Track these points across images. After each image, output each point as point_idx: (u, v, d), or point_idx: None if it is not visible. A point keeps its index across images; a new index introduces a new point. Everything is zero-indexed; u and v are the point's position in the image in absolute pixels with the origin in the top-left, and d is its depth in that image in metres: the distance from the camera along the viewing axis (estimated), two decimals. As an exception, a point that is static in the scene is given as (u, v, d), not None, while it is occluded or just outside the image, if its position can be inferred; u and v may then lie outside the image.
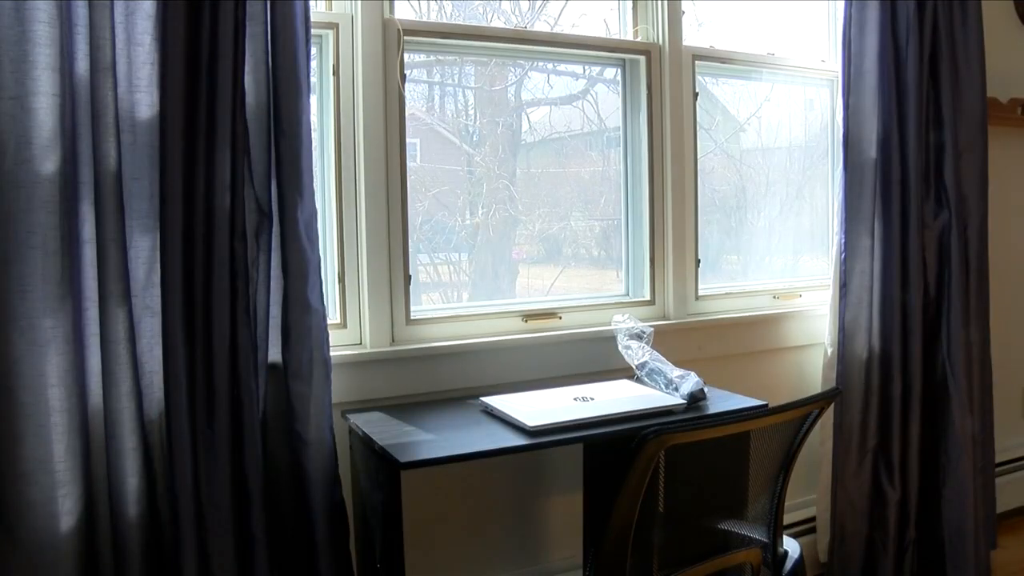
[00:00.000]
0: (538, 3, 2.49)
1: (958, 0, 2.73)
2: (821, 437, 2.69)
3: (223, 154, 1.68)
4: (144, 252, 1.67)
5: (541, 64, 2.50)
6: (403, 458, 1.64)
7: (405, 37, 2.13)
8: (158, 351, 1.66)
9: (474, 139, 2.45)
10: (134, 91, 1.63)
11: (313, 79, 2.04)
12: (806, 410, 1.67)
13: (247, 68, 1.74)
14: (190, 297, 1.67)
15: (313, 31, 1.90)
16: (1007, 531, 3.21)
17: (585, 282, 2.63)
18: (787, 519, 2.74)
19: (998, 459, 3.10)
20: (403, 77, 2.13)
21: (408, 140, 2.25)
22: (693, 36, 2.66)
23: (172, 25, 1.61)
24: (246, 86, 1.73)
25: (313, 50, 2.05)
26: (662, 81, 2.54)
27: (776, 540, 1.78)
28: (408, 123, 2.23)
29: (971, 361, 2.80)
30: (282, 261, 1.81)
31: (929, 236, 2.76)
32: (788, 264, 3.01)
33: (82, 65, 1.56)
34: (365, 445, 1.83)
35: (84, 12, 1.55)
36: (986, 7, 2.84)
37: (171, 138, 1.63)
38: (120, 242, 1.60)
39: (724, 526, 1.74)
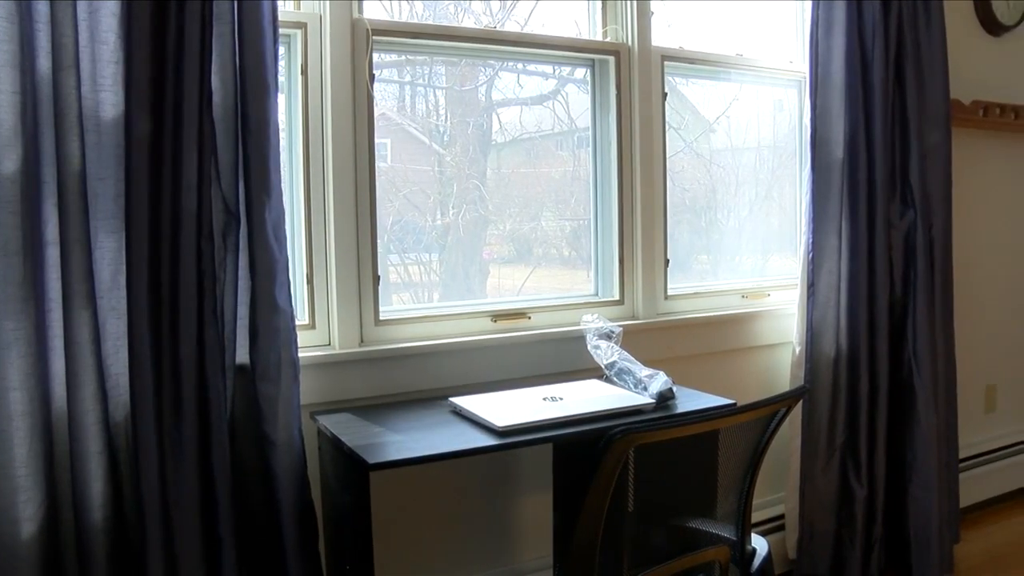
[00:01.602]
0: (508, 3, 2.49)
1: (922, 2, 2.77)
2: (790, 435, 2.72)
3: (190, 154, 1.67)
4: (109, 253, 1.65)
5: (511, 64, 2.50)
6: (372, 459, 1.64)
7: (374, 37, 2.12)
8: (124, 353, 1.64)
9: (445, 139, 2.45)
10: (99, 90, 1.61)
11: (281, 79, 2.03)
12: (773, 408, 1.69)
13: (214, 67, 1.72)
14: (156, 298, 1.65)
15: (281, 31, 1.89)
16: (969, 525, 3.27)
17: (556, 282, 2.63)
18: (757, 517, 2.78)
19: (961, 455, 3.16)
20: (372, 77, 2.13)
21: (379, 140, 2.25)
22: (663, 36, 2.67)
23: (137, 23, 1.60)
24: (213, 85, 1.72)
25: (281, 50, 2.04)
26: (631, 81, 2.55)
27: (744, 538, 1.79)
28: (379, 123, 2.22)
29: (936, 359, 2.84)
30: (250, 261, 1.79)
31: (895, 236, 2.80)
32: (758, 264, 3.03)
33: (44, 63, 1.54)
34: (334, 446, 1.82)
35: (45, 9, 1.52)
36: (948, 11, 2.89)
37: (137, 137, 1.61)
38: (85, 243, 1.58)
39: (693, 524, 1.76)
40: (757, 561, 1.81)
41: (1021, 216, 3.67)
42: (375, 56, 2.18)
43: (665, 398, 2.01)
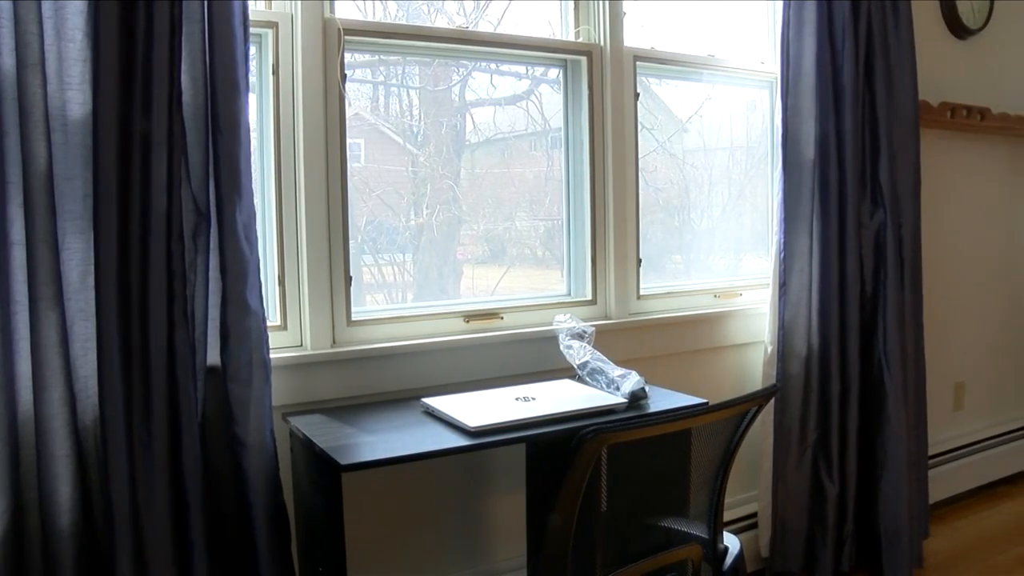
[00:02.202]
0: (482, 3, 2.49)
1: (890, 4, 2.80)
2: (762, 434, 2.74)
3: (159, 154, 1.65)
4: (77, 254, 1.63)
5: (484, 64, 2.50)
6: (344, 460, 1.63)
7: (346, 37, 2.11)
8: (92, 355, 1.62)
9: (418, 139, 2.44)
10: (65, 89, 1.59)
11: (252, 78, 2.02)
12: (744, 407, 1.70)
13: (184, 67, 1.71)
14: (126, 299, 1.64)
15: (252, 30, 1.87)
16: (938, 521, 3.31)
17: (530, 282, 2.64)
18: (730, 515, 2.80)
19: (930, 452, 3.19)
20: (343, 77, 2.12)
21: (352, 140, 2.24)
22: (636, 37, 2.68)
23: (105, 22, 1.58)
24: (183, 85, 1.71)
25: (252, 49, 2.03)
26: (603, 82, 2.56)
27: (716, 536, 1.80)
28: (352, 123, 2.21)
29: (906, 357, 2.87)
30: (220, 262, 1.78)
31: (865, 235, 2.83)
32: (731, 264, 3.05)
33: (7, 60, 1.51)
34: (306, 447, 1.81)
35: (8, 6, 1.50)
36: (915, 15, 2.92)
37: (105, 137, 1.59)
38: (52, 244, 1.56)
39: (666, 523, 1.76)
40: (729, 559, 1.82)
41: (988, 216, 3.73)
42: (347, 56, 2.17)
43: (637, 398, 2.02)
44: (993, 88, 3.59)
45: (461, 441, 1.74)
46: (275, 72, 2.05)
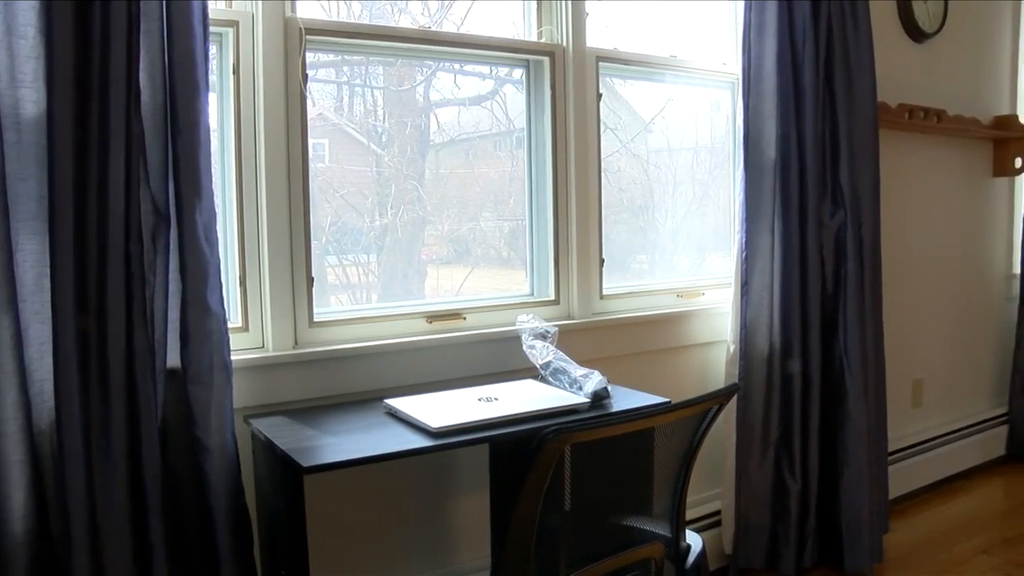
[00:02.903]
0: (446, 2, 2.49)
1: (849, 7, 2.84)
2: (725, 432, 2.76)
3: (117, 154, 1.63)
4: (32, 255, 1.60)
5: (448, 64, 2.50)
6: (306, 462, 1.62)
7: (308, 36, 2.10)
8: (48, 359, 1.59)
9: (383, 140, 2.43)
10: (17, 87, 1.56)
11: (213, 78, 2.00)
12: (706, 406, 1.71)
13: (142, 65, 1.69)
14: (83, 301, 1.61)
15: (212, 29, 1.86)
16: (898, 515, 3.37)
17: (495, 282, 2.64)
18: (694, 513, 2.82)
19: (890, 448, 3.24)
20: (305, 77, 2.10)
21: (317, 141, 2.22)
22: (600, 38, 2.69)
23: (59, 18, 1.55)
24: (141, 84, 1.68)
25: (213, 48, 2.01)
26: (566, 82, 2.56)
27: (679, 534, 1.82)
28: (317, 123, 2.20)
29: (866, 355, 2.90)
30: (180, 263, 1.76)
31: (826, 235, 2.86)
32: (695, 263, 3.07)
33: (-44, 58, 1.49)
34: (268, 450, 1.80)
35: (-44, 3, 1.48)
36: (874, 18, 2.96)
37: (60, 137, 1.56)
38: (5, 245, 1.53)
39: (630, 522, 1.77)
40: (691, 557, 1.84)
41: (944, 216, 3.79)
42: (310, 56, 2.16)
43: (600, 397, 2.02)
44: (949, 90, 3.66)
45: (424, 442, 1.74)
46: (236, 72, 2.03)
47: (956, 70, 3.74)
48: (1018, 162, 3.95)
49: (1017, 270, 4.11)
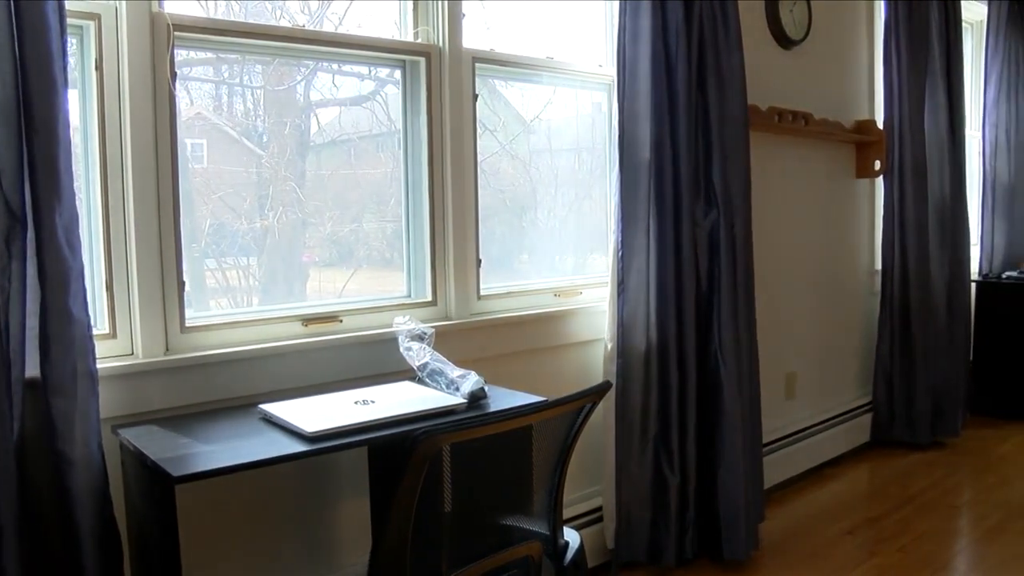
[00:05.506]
0: (324, 1, 2.45)
1: (720, 13, 2.94)
2: (604, 428, 2.81)
3: (-36, 154, 1.54)
4: None
5: (327, 64, 2.47)
6: (176, 472, 1.57)
7: (177, 33, 2.03)
8: None
9: (263, 140, 2.38)
10: None
11: (74, 74, 1.92)
12: (578, 404, 1.75)
13: (-11, 60, 1.60)
14: (-72, 310, 1.52)
15: (70, 21, 1.78)
16: (773, 504, 3.52)
17: (379, 284, 2.62)
18: (577, 509, 2.87)
19: (764, 439, 3.39)
20: (174, 75, 2.03)
21: (195, 141, 2.16)
22: (480, 39, 2.70)
23: None
24: (-11, 79, 1.60)
25: (72, 42, 1.92)
26: (442, 82, 2.56)
27: (556, 532, 1.85)
28: (194, 123, 2.14)
29: (740, 350, 3.01)
30: (39, 269, 1.68)
31: (700, 234, 2.96)
32: (577, 262, 3.13)
33: None
34: (137, 460, 1.74)
35: None
36: (744, 26, 3.08)
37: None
38: None
39: (510, 521, 1.79)
40: (569, 554, 1.87)
41: (813, 214, 3.98)
42: (183, 53, 2.09)
43: (477, 398, 2.03)
44: (815, 95, 3.85)
45: (299, 447, 1.71)
46: (98, 67, 1.94)
47: (821, 76, 3.94)
48: (877, 164, 4.19)
49: (879, 266, 4.35)
